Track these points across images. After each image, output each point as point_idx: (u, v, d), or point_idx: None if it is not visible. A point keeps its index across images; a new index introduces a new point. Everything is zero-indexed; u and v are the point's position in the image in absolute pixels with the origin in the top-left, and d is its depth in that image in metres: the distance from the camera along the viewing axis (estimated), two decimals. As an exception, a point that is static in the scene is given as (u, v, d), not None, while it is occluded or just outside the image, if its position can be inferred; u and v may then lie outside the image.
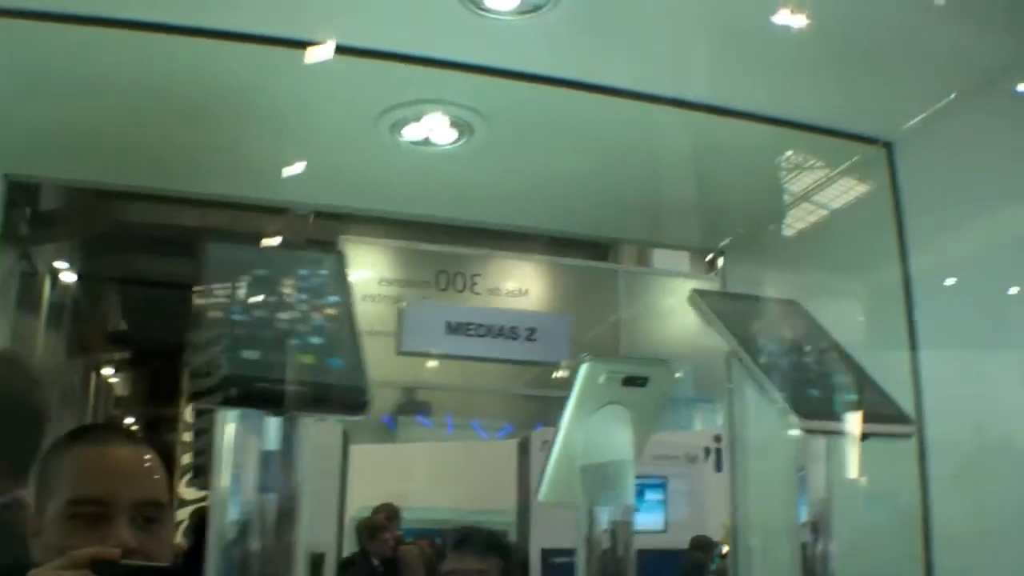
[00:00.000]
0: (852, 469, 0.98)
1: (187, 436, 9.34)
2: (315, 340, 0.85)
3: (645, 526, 6.50)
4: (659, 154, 2.27)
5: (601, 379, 1.19)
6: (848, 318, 2.20)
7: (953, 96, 2.03)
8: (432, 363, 8.79)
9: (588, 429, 1.20)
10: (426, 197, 2.82)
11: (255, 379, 0.77)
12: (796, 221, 2.48)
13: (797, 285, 1.22)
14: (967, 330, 2.04)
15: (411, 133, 2.47)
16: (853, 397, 0.98)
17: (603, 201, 2.73)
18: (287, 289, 0.88)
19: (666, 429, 6.76)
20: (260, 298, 0.85)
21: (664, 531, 6.86)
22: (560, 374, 9.30)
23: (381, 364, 8.34)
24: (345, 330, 0.89)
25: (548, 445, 1.25)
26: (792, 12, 1.82)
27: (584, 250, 8.93)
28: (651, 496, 7.07)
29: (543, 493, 1.26)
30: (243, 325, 0.82)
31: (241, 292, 0.86)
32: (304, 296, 0.88)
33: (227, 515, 0.76)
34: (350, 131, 2.45)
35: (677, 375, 1.23)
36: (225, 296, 0.85)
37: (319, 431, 0.76)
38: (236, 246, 0.94)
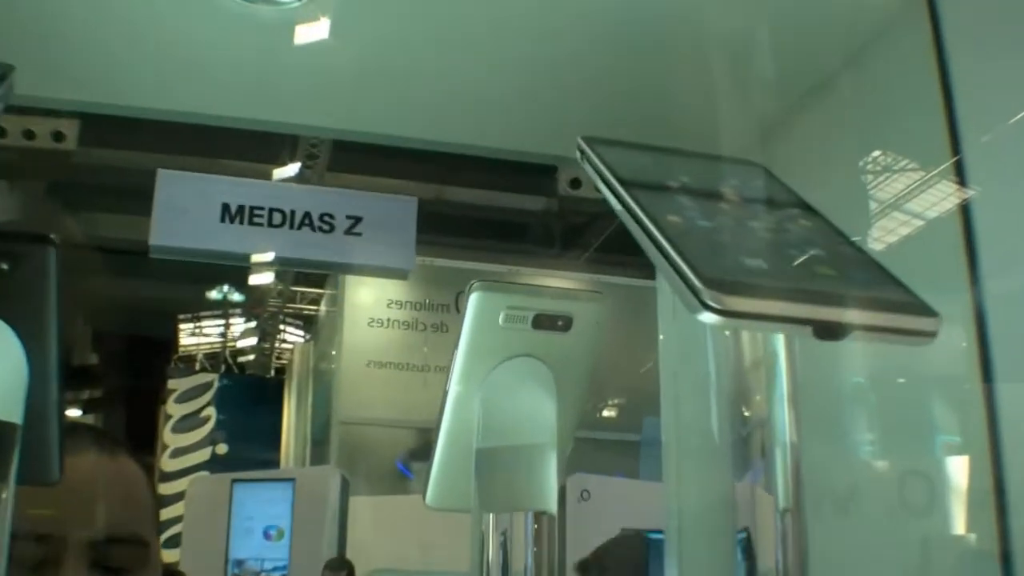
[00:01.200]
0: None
1: (167, 489, 9.20)
2: None
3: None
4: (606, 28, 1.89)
5: (501, 317, 0.93)
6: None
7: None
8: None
9: (487, 394, 0.94)
10: (274, 92, 2.37)
11: None
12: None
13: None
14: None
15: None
16: (830, 274, 0.71)
17: (520, 103, 2.29)
18: None
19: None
20: None
21: None
22: (608, 412, 9.06)
23: (391, 400, 8.15)
24: None
25: (588, 495, 0.99)
26: None
27: (628, 267, 8.68)
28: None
29: (430, 494, 1.01)
30: None
31: None
32: None
33: None
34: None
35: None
36: None
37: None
38: None
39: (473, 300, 0.94)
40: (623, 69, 2.14)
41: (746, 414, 2.06)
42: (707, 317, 0.66)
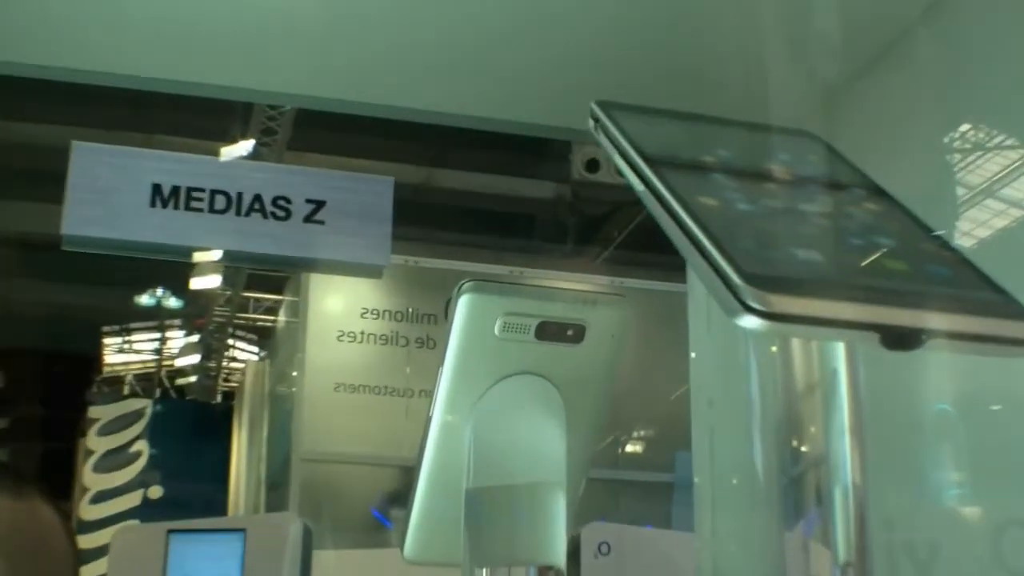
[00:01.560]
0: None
1: (87, 542, 9.22)
2: None
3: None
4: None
5: (497, 326, 0.94)
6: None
7: None
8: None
9: (480, 421, 0.95)
10: (222, 48, 2.40)
11: None
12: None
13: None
14: None
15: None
16: (902, 269, 0.71)
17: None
18: None
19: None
20: None
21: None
22: (632, 447, 9.08)
23: (364, 432, 8.17)
24: None
25: (607, 549, 1.00)
26: None
27: (657, 268, 8.70)
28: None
29: (409, 545, 1.02)
30: None
31: None
32: None
33: None
34: None
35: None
36: None
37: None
38: None
39: (463, 304, 0.95)
40: (653, 20, 2.16)
41: (801, 449, 2.07)
42: (749, 322, 0.66)
